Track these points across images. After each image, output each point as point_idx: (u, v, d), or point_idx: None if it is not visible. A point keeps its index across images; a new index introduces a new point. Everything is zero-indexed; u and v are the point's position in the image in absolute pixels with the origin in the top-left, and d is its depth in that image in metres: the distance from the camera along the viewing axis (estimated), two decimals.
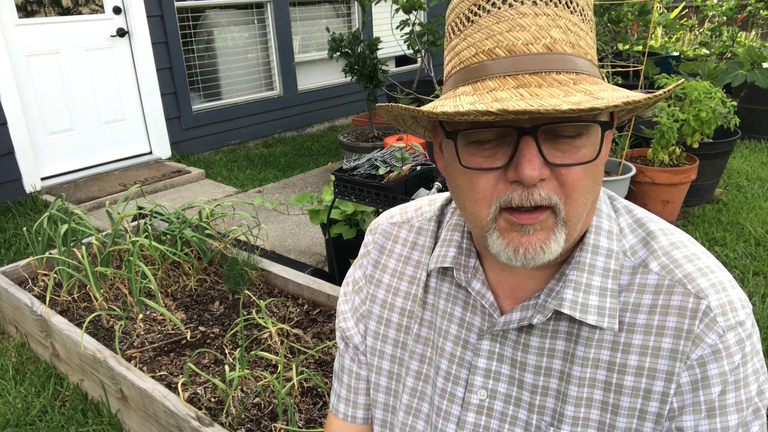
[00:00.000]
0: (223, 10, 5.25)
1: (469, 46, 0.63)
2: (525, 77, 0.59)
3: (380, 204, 2.32)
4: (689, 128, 3.26)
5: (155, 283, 2.19)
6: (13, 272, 2.56)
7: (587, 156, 0.62)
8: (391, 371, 0.85)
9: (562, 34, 0.61)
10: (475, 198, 0.64)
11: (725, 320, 0.64)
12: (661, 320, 0.66)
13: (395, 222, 0.87)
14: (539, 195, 0.61)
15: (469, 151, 0.63)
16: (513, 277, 0.74)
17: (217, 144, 5.39)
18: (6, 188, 4.13)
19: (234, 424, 1.69)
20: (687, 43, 7.78)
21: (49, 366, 2.36)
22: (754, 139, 4.97)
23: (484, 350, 0.75)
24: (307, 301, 2.33)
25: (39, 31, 4.23)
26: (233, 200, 3.09)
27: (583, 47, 0.62)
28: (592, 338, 0.69)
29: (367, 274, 0.87)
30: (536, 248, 0.63)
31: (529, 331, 0.72)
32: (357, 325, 0.88)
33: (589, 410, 0.69)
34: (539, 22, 0.60)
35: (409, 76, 6.67)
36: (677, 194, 3.37)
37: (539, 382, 0.72)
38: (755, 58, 3.79)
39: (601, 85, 0.61)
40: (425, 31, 4.41)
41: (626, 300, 0.68)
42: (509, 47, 0.60)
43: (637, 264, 0.69)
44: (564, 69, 0.60)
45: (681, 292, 0.66)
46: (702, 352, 0.64)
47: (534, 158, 0.59)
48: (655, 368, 0.66)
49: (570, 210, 0.63)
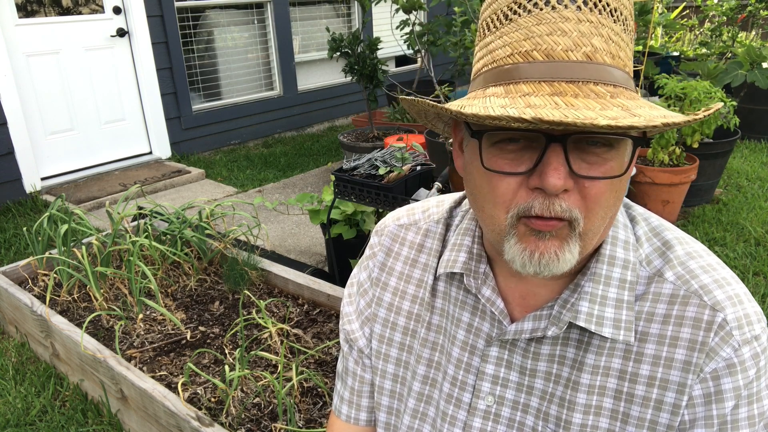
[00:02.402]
0: (223, 10, 5.25)
1: (504, 45, 0.61)
2: (561, 85, 0.57)
3: (380, 204, 2.32)
4: (689, 128, 3.26)
5: (155, 283, 2.19)
6: (13, 272, 2.56)
7: (614, 170, 0.60)
8: (396, 375, 0.84)
9: (604, 43, 0.58)
10: (495, 201, 0.62)
11: (741, 334, 0.63)
12: (675, 331, 0.65)
13: (402, 224, 0.85)
14: (560, 206, 0.59)
15: (493, 153, 0.61)
16: (524, 285, 0.72)
17: (217, 144, 5.39)
18: (6, 188, 4.13)
19: (234, 424, 1.69)
20: (687, 43, 7.77)
21: (49, 366, 2.36)
22: (754, 139, 4.97)
23: (493, 357, 0.74)
24: (307, 301, 2.33)
25: (39, 31, 4.23)
26: (233, 200, 3.09)
27: (623, 59, 0.60)
28: (604, 346, 0.68)
29: (372, 277, 0.86)
30: (551, 254, 0.61)
31: (540, 339, 0.71)
32: (362, 328, 0.87)
33: (598, 418, 0.68)
34: (582, 29, 0.58)
35: (409, 76, 6.67)
36: (677, 194, 3.37)
37: (549, 388, 0.71)
38: (755, 58, 3.79)
39: (638, 101, 0.59)
40: (425, 31, 4.41)
41: (640, 309, 0.67)
42: (548, 51, 0.58)
43: (652, 274, 0.68)
44: (602, 80, 0.58)
45: (697, 303, 0.65)
46: (716, 365, 0.63)
47: (560, 167, 0.57)
48: (668, 379, 0.65)
49: (588, 224, 0.61)
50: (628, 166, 0.61)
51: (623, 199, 0.68)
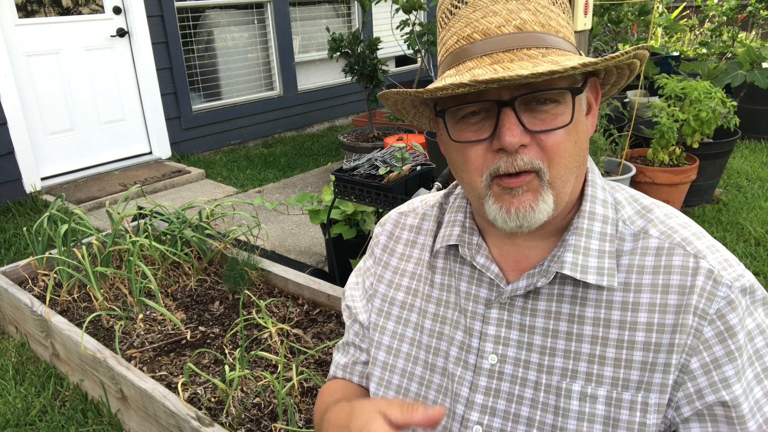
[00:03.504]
0: (223, 10, 5.25)
1: (452, 35, 0.71)
2: (499, 55, 0.67)
3: (380, 204, 2.32)
4: (689, 128, 3.26)
5: (155, 283, 2.19)
6: (13, 272, 2.56)
7: (564, 121, 0.68)
8: (390, 347, 0.88)
9: (532, 15, 0.68)
10: (469, 169, 0.72)
11: (728, 274, 0.70)
12: (666, 278, 0.72)
13: (402, 211, 0.95)
14: (522, 160, 0.67)
15: (459, 128, 0.71)
16: (516, 250, 0.79)
17: (217, 144, 5.39)
18: (6, 188, 4.13)
19: (234, 424, 1.69)
20: (687, 43, 7.77)
21: (49, 366, 2.36)
22: (754, 139, 4.97)
23: (493, 318, 0.79)
24: (307, 301, 2.33)
25: (39, 31, 4.23)
26: (233, 200, 3.09)
27: (554, 26, 0.69)
28: (601, 299, 0.74)
29: (376, 257, 0.94)
30: (526, 207, 0.69)
31: (535, 296, 0.76)
32: (367, 305, 0.93)
33: (603, 367, 0.73)
34: (509, 7, 0.68)
35: (409, 76, 6.67)
36: (677, 194, 3.37)
37: (547, 343, 0.76)
38: (755, 58, 3.79)
39: (569, 55, 0.67)
40: (425, 31, 4.41)
41: (631, 263, 0.74)
42: (484, 31, 0.68)
43: (637, 231, 0.75)
44: (534, 45, 0.67)
45: (681, 253, 0.72)
46: (718, 306, 0.69)
47: (514, 126, 0.66)
48: (663, 323, 0.71)
49: (554, 172, 0.69)
50: (572, 115, 0.69)
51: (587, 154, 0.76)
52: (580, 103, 0.71)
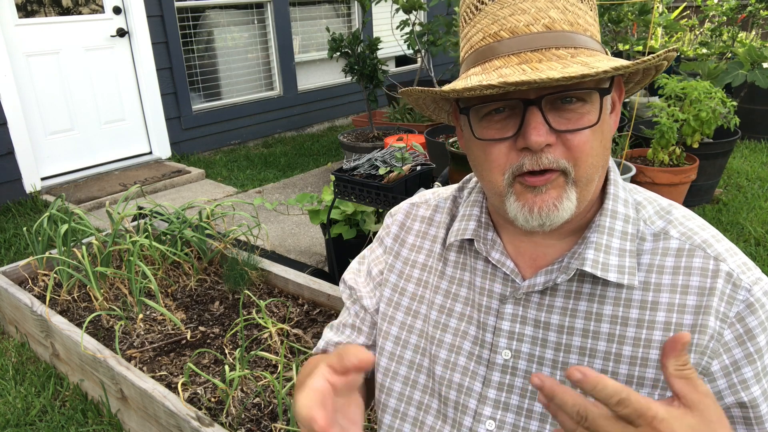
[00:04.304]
0: (223, 10, 5.25)
1: (477, 32, 0.70)
2: (527, 54, 0.66)
3: (380, 204, 2.32)
4: (689, 128, 3.26)
5: (155, 283, 2.19)
6: (13, 272, 2.56)
7: (591, 121, 0.67)
8: (398, 338, 0.88)
9: (560, 14, 0.67)
10: (491, 167, 0.70)
11: (747, 277, 0.71)
12: (686, 279, 0.72)
13: (414, 202, 0.94)
14: (547, 159, 0.67)
15: (483, 125, 0.70)
16: (534, 247, 0.79)
17: (217, 144, 5.39)
18: (6, 188, 4.13)
19: (234, 424, 1.69)
20: (687, 43, 7.77)
21: (49, 366, 2.36)
22: (754, 139, 4.97)
23: (508, 314, 0.78)
24: (307, 301, 2.33)
25: (39, 31, 4.23)
26: (233, 200, 3.09)
27: (582, 24, 0.68)
28: (620, 297, 0.73)
29: (386, 246, 0.93)
30: (549, 206, 0.68)
31: (552, 293, 0.76)
32: (374, 292, 0.92)
33: (618, 365, 0.73)
34: (538, 5, 0.67)
35: (409, 76, 6.67)
36: (677, 194, 3.36)
37: (563, 339, 0.76)
38: (755, 58, 3.78)
39: (598, 56, 0.66)
40: (425, 31, 4.41)
41: (651, 262, 0.74)
42: (512, 29, 0.67)
43: (657, 231, 0.75)
44: (563, 45, 0.66)
45: (702, 255, 0.72)
46: (738, 309, 0.69)
47: (539, 126, 0.65)
48: (681, 323, 0.71)
49: (579, 171, 0.68)
50: (600, 115, 0.68)
51: (610, 152, 0.75)
52: (606, 102, 0.71)
